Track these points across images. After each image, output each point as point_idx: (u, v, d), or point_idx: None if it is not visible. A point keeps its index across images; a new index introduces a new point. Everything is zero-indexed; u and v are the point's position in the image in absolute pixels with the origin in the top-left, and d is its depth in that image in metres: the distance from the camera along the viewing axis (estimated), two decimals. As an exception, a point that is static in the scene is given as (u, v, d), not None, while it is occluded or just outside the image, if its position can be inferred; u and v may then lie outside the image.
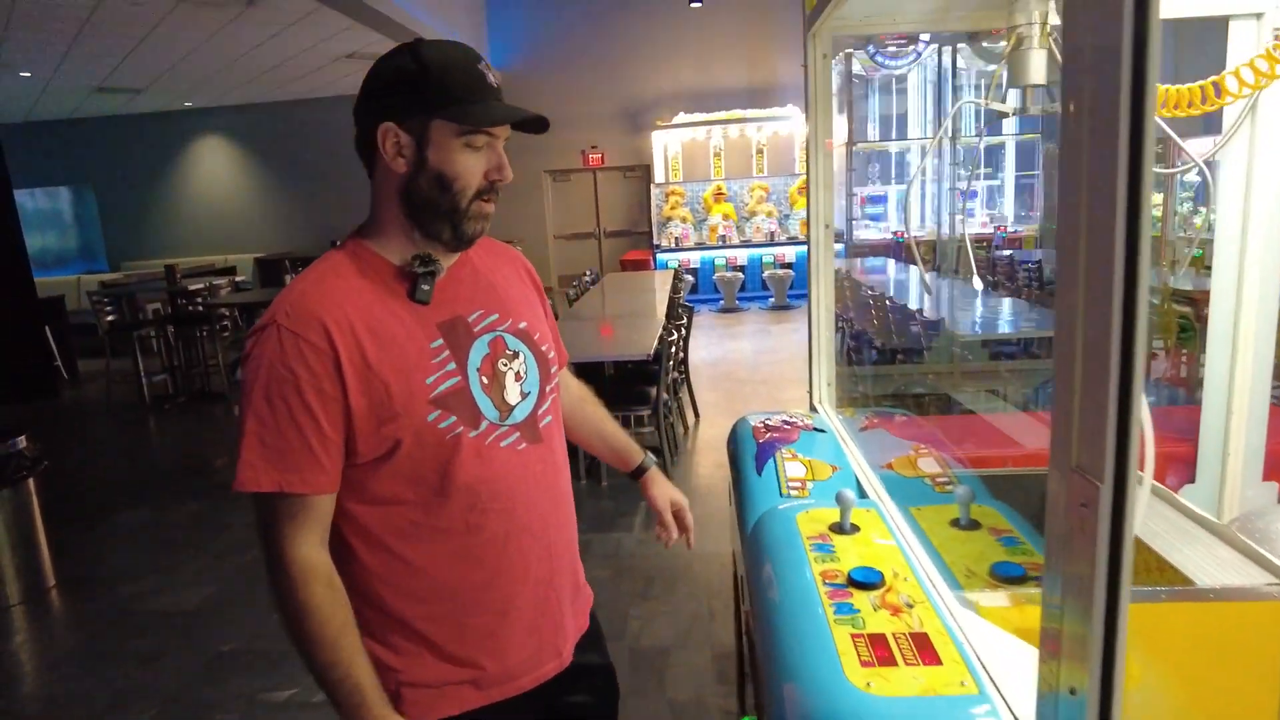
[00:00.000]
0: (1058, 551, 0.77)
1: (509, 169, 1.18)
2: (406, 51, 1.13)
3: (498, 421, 1.20)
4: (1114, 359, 0.66)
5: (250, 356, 1.10)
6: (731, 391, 6.91)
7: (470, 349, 1.19)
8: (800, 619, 1.18)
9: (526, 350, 1.26)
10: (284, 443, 1.07)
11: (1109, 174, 0.65)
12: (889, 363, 5.53)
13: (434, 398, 1.14)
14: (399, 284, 1.16)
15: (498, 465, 1.19)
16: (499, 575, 1.21)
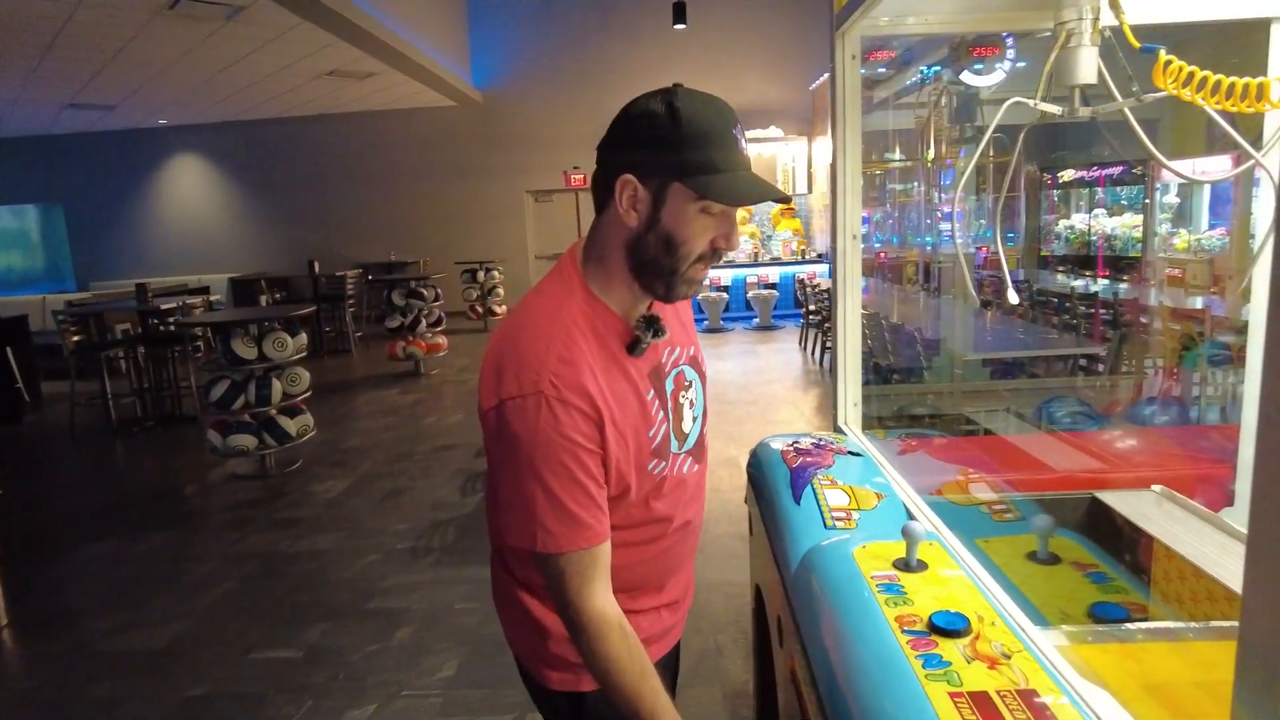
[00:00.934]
0: (1270, 601, 0.62)
1: (737, 238, 1.20)
2: (663, 102, 1.12)
3: (678, 452, 1.30)
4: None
5: (515, 426, 1.12)
6: (722, 413, 6.76)
7: (666, 391, 1.27)
8: (882, 674, 1.02)
9: (696, 377, 1.37)
10: (575, 504, 1.13)
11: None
12: (886, 382, 5.42)
13: (654, 449, 1.24)
14: (622, 339, 1.22)
15: (679, 491, 1.31)
16: (669, 573, 1.37)
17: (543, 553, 1.15)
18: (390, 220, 14.39)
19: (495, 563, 1.41)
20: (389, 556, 4.31)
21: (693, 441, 1.34)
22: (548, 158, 13.29)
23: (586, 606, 1.16)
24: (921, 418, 4.34)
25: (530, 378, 1.12)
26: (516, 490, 1.14)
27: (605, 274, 1.21)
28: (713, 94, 1.17)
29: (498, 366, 1.16)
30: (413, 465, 5.95)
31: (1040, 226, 12.87)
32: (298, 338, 5.93)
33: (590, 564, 1.16)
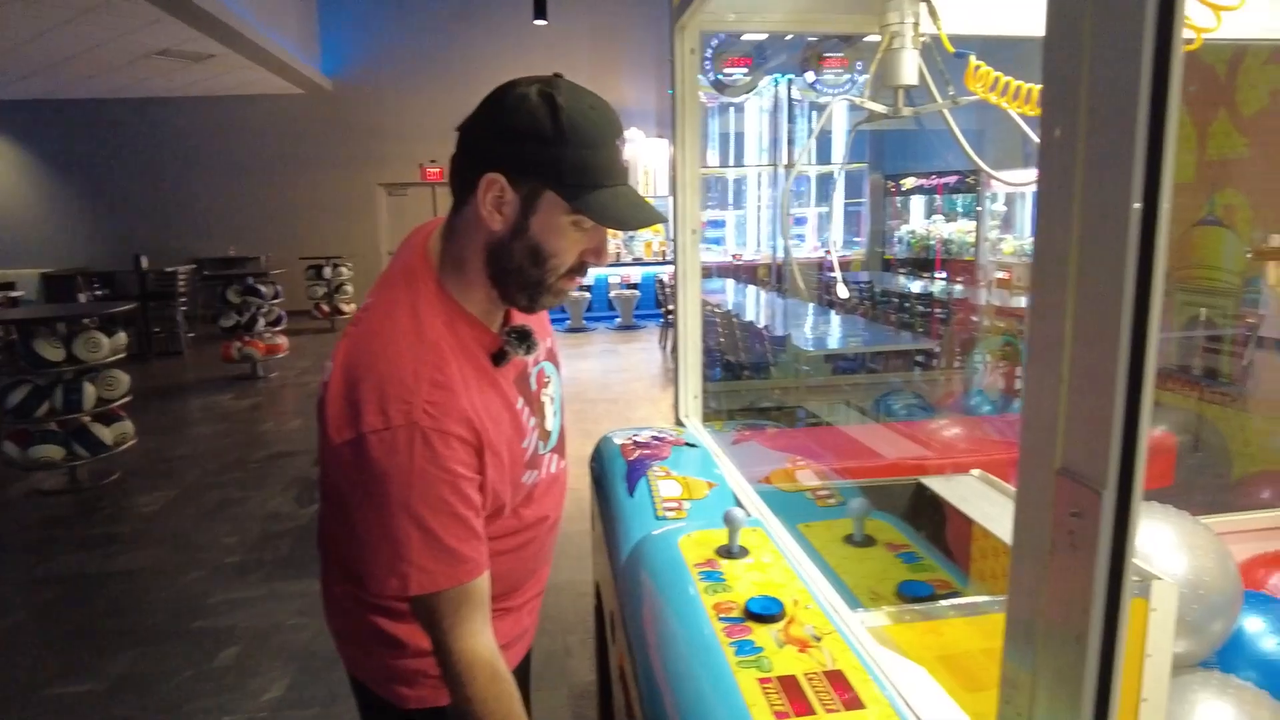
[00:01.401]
0: (1031, 571, 0.64)
1: (607, 253, 1.12)
2: (543, 95, 1.01)
3: (545, 452, 1.24)
4: (1124, 333, 0.54)
5: (382, 463, 1.00)
6: (581, 412, 6.73)
7: (531, 393, 1.20)
8: (697, 663, 1.00)
9: (555, 371, 1.30)
10: (454, 539, 1.04)
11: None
12: (736, 378, 5.56)
13: (527, 460, 1.17)
14: (488, 349, 1.13)
15: (547, 492, 1.26)
16: (530, 572, 1.30)
17: (417, 594, 1.04)
18: (231, 213, 13.46)
19: (335, 584, 1.27)
20: (215, 572, 3.99)
21: (556, 438, 1.29)
22: (402, 150, 12.83)
23: (460, 647, 1.05)
24: (768, 410, 4.47)
25: (399, 408, 1.00)
26: (383, 531, 1.02)
27: (464, 278, 1.10)
28: (596, 94, 1.07)
29: (352, 394, 1.02)
30: (246, 474, 5.56)
31: (885, 231, 13.65)
32: (115, 338, 5.41)
33: (465, 600, 1.06)
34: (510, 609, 1.29)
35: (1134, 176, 0.52)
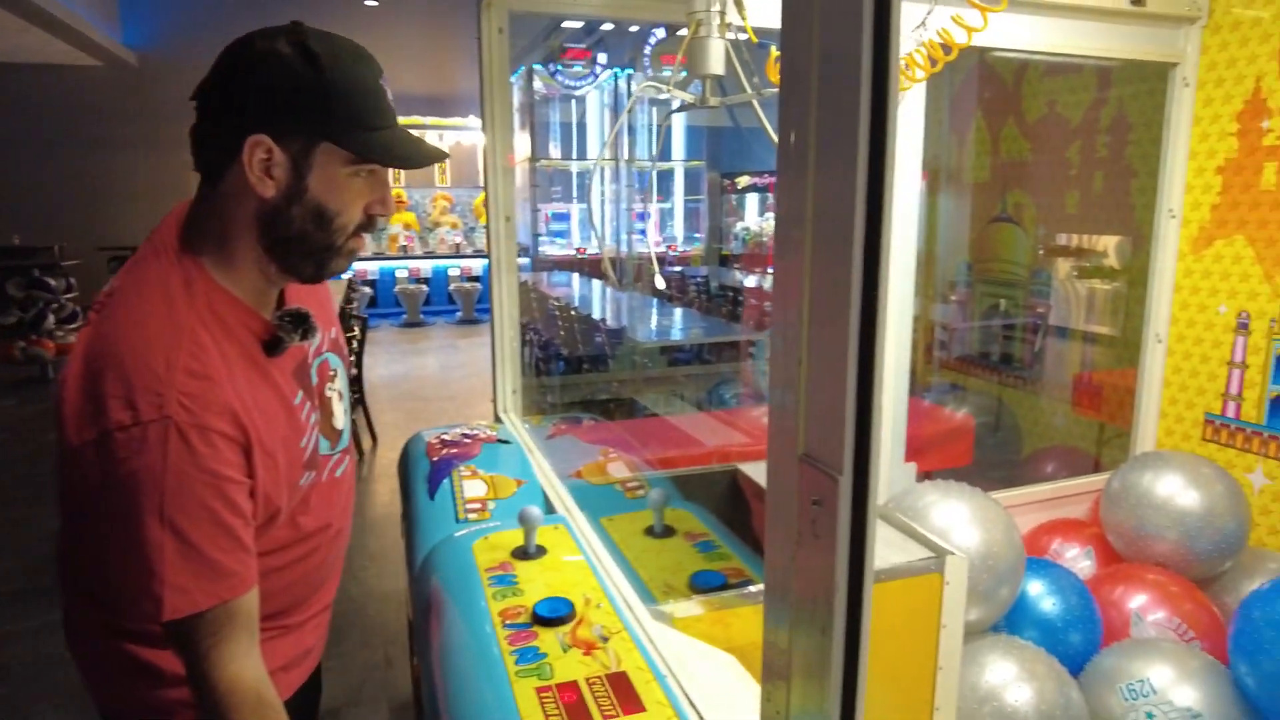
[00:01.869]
0: (782, 561, 0.61)
1: (392, 202, 1.04)
2: (292, 44, 0.92)
3: (330, 453, 1.13)
4: (853, 323, 0.52)
5: (129, 464, 0.86)
6: (415, 411, 6.47)
7: (312, 387, 1.09)
8: (475, 677, 0.94)
9: (339, 362, 1.19)
10: (218, 551, 0.91)
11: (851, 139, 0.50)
12: (576, 371, 5.52)
13: (305, 460, 1.06)
14: (258, 337, 1.01)
15: (330, 498, 1.13)
16: (314, 589, 1.17)
17: (172, 618, 0.90)
18: (15, 197, 11.97)
19: (78, 610, 1.11)
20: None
21: (346, 439, 1.18)
22: (220, 133, 11.86)
23: (219, 674, 0.93)
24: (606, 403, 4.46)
25: (149, 400, 0.87)
26: (133, 545, 0.89)
27: (229, 257, 0.99)
28: (345, 36, 0.99)
29: (95, 388, 0.89)
30: (28, 490, 4.94)
31: (721, 227, 14.05)
32: None
33: (228, 620, 0.94)
34: (290, 627, 1.17)
35: (858, 181, 0.50)
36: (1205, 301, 2.68)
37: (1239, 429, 2.60)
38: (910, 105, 2.25)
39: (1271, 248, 2.47)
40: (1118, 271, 3.11)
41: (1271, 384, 2.49)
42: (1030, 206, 3.54)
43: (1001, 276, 3.73)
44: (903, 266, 2.37)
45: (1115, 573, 2.33)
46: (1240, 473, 2.56)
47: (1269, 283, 2.48)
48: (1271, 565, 2.33)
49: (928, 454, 2.70)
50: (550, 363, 6.14)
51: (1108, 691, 1.92)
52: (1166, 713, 1.84)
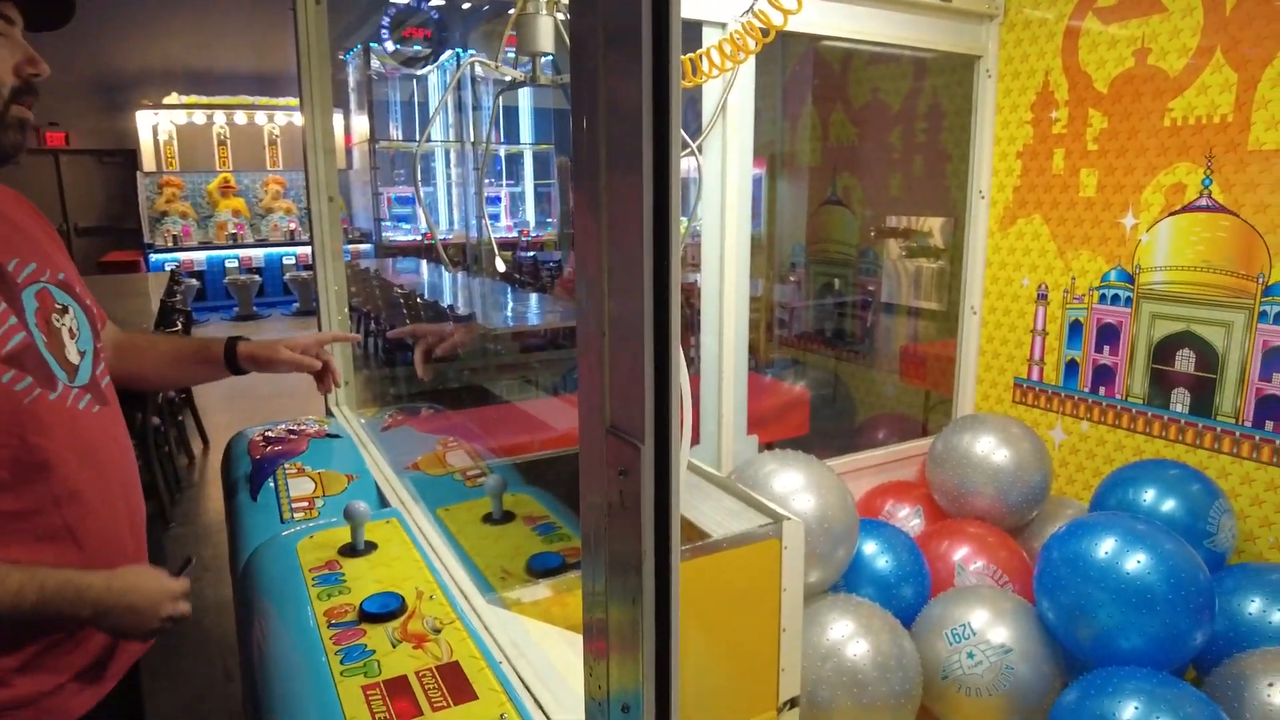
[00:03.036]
0: (594, 535, 0.61)
1: (43, 61, 1.02)
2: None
3: (69, 383, 1.08)
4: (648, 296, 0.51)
5: None
6: (250, 410, 6.08)
7: (20, 301, 1.04)
8: (296, 680, 0.88)
9: (74, 304, 1.16)
10: None
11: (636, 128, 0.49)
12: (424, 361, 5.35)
13: (4, 355, 0.99)
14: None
15: (83, 429, 1.08)
16: (98, 556, 1.05)
17: None
18: None
19: None
20: None
21: (86, 377, 1.12)
22: (9, 111, 10.61)
23: None
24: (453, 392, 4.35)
25: None
26: None
27: None
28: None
29: None
30: None
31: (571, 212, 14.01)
32: None
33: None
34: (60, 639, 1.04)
35: (644, 161, 0.50)
36: (1011, 275, 2.93)
37: (1042, 390, 2.86)
38: (741, 91, 2.31)
39: (1062, 226, 2.73)
40: (942, 250, 3.35)
41: (1066, 349, 2.76)
42: (858, 189, 3.74)
43: (834, 257, 3.93)
44: (739, 248, 2.44)
45: (941, 529, 2.52)
46: (1044, 430, 2.83)
47: (1061, 258, 2.74)
48: (1070, 511, 2.59)
49: (768, 426, 2.80)
50: (396, 353, 5.93)
51: (936, 638, 2.08)
52: (984, 651, 2.00)
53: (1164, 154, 2.43)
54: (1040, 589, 2.01)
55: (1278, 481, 2.26)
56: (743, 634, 1.58)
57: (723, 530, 1.53)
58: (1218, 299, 2.34)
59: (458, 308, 5.23)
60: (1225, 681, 1.83)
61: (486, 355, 4.70)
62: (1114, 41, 2.52)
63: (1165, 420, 2.49)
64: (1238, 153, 2.27)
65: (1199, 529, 2.19)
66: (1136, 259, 2.52)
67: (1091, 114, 2.60)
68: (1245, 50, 2.23)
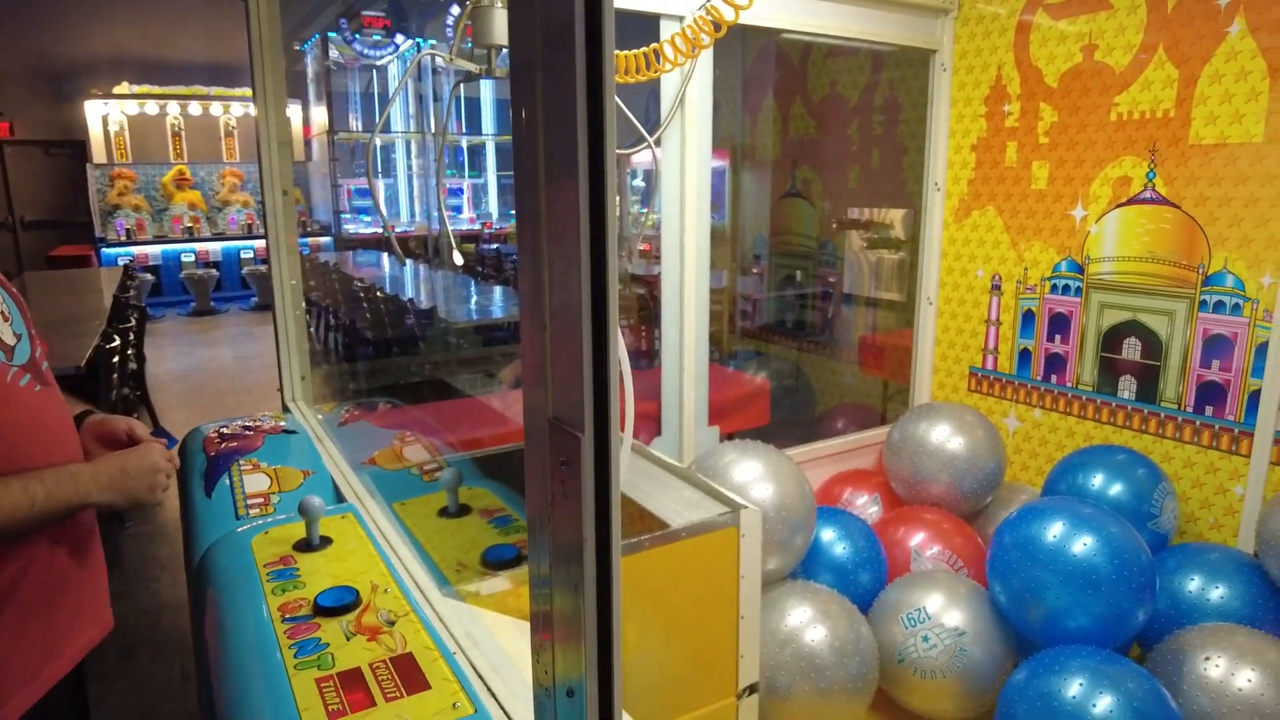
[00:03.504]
0: (539, 525, 0.62)
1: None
2: None
3: (7, 362, 1.08)
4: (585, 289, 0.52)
5: None
6: (209, 406, 5.98)
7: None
8: (250, 674, 0.88)
9: (7, 297, 1.16)
10: None
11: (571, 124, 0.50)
12: (385, 355, 5.30)
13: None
14: None
15: (26, 406, 1.08)
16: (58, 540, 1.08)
17: None
18: None
19: None
20: None
21: (25, 357, 1.13)
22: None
23: None
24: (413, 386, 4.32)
25: None
26: None
27: None
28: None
29: None
30: None
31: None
32: None
33: None
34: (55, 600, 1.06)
35: (580, 156, 0.51)
36: (966, 266, 2.98)
37: (996, 379, 2.92)
38: (699, 84, 2.32)
39: (1015, 217, 2.79)
40: (903, 242, 3.40)
41: (1020, 338, 2.82)
42: (817, 182, 3.78)
43: (796, 249, 3.97)
44: (698, 240, 2.45)
45: (898, 515, 2.57)
46: (998, 418, 2.89)
47: (1014, 249, 2.80)
48: (1023, 496, 2.66)
49: (729, 417, 2.83)
50: (356, 347, 5.86)
51: (892, 622, 2.12)
52: (939, 634, 2.05)
53: (1111, 147, 2.49)
54: (992, 573, 2.06)
55: (1217, 464, 2.34)
56: (702, 621, 1.61)
57: (682, 520, 1.55)
58: (1161, 289, 2.41)
59: (421, 301, 5.19)
60: (1166, 657, 1.89)
61: (447, 349, 4.68)
62: (1063, 37, 2.57)
63: (1113, 407, 2.56)
64: (1179, 147, 2.33)
65: (1144, 511, 2.26)
66: (1086, 250, 2.58)
67: (1043, 108, 2.66)
68: (1185, 48, 2.30)
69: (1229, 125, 2.23)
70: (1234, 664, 1.79)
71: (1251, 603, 2.01)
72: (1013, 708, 1.80)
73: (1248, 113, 2.19)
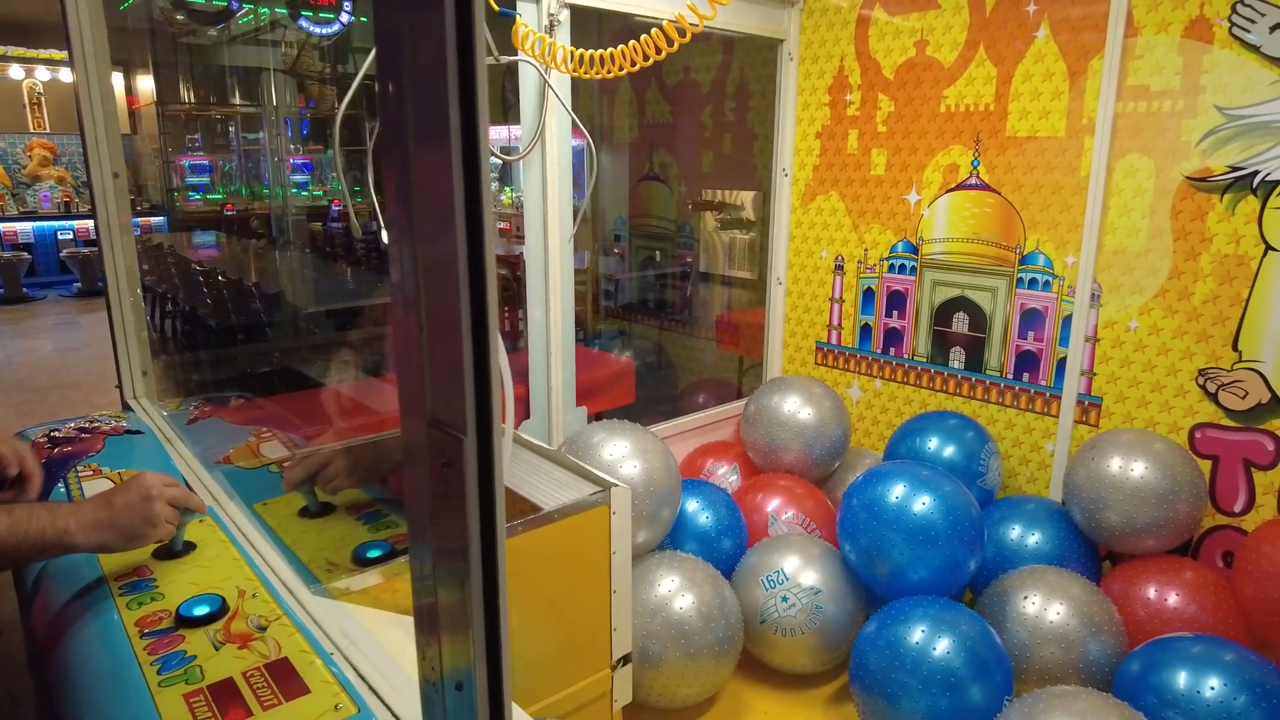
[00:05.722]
0: (421, 523, 0.63)
1: None
2: None
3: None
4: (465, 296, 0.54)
5: None
6: (28, 404, 5.43)
7: None
8: (107, 697, 0.84)
9: None
10: None
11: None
12: (230, 344, 5.00)
13: None
14: None
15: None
16: None
17: None
18: None
19: None
20: None
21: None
22: None
23: None
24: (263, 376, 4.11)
25: None
26: None
27: None
28: None
29: None
30: None
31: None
32: None
33: None
34: None
35: (453, 147, 0.52)
36: (812, 248, 3.15)
37: (840, 353, 3.12)
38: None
39: (856, 202, 2.97)
40: (754, 223, 3.54)
41: (861, 314, 3.02)
42: (674, 165, 3.87)
43: (655, 230, 4.05)
44: (561, 221, 2.47)
45: (755, 483, 2.70)
46: (843, 389, 3.09)
47: (855, 231, 2.99)
48: (867, 461, 2.86)
49: (596, 397, 2.88)
50: (197, 336, 5.49)
51: (754, 585, 2.25)
52: (796, 594, 2.19)
53: (941, 137, 2.70)
54: (842, 533, 2.22)
55: (1033, 425, 2.61)
56: (576, 599, 1.65)
57: (554, 502, 1.58)
58: (985, 267, 2.65)
59: (266, 286, 4.91)
60: (992, 599, 2.12)
61: (300, 335, 4.47)
62: (898, 32, 2.75)
63: (945, 376, 2.80)
64: (998, 138, 2.56)
65: (973, 470, 2.50)
66: (920, 232, 2.80)
67: (881, 98, 2.84)
68: (1001, 48, 2.52)
69: (1038, 120, 2.47)
70: (1046, 600, 2.03)
71: (1061, 545, 2.28)
72: (864, 657, 1.96)
73: (1053, 109, 2.44)
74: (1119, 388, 2.40)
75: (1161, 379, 2.31)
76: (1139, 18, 2.23)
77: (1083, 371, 2.46)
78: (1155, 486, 2.11)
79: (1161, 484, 2.10)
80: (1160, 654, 1.85)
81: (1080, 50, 2.35)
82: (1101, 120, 2.31)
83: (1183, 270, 2.23)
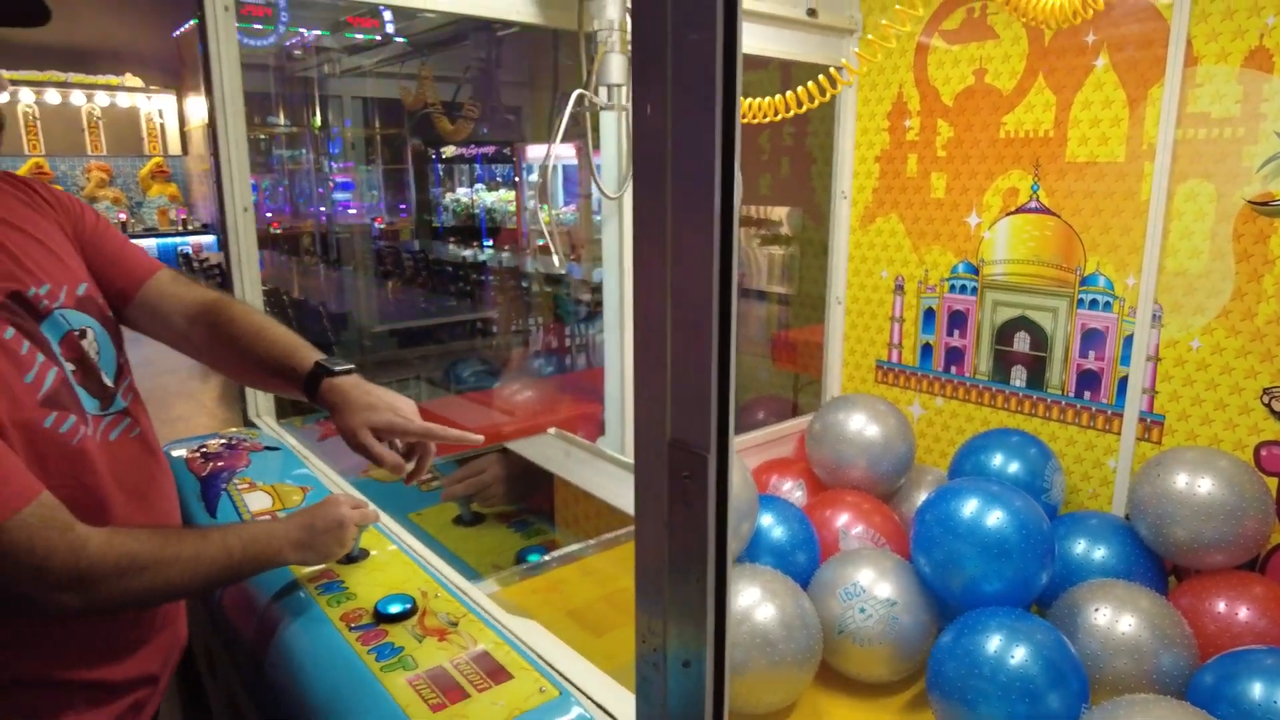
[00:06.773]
0: (653, 528, 0.75)
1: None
2: None
3: (102, 412, 1.05)
4: (714, 327, 0.65)
5: None
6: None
7: (43, 335, 0.99)
8: (340, 679, 0.96)
9: (95, 323, 1.09)
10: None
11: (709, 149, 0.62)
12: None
13: (43, 396, 0.95)
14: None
15: (124, 460, 1.06)
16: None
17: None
18: None
19: None
20: None
21: (119, 401, 1.10)
22: None
23: (86, 553, 0.88)
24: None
25: None
26: None
27: None
28: None
29: None
30: None
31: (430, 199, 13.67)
32: None
33: (55, 506, 0.88)
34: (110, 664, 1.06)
35: (715, 185, 0.63)
36: (871, 268, 3.25)
37: (900, 371, 3.21)
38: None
39: (915, 224, 3.07)
40: (790, 239, 3.64)
41: (921, 334, 3.11)
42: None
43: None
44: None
45: (823, 499, 2.79)
46: (904, 406, 3.17)
47: (915, 252, 3.08)
48: (930, 477, 2.95)
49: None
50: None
51: (830, 597, 2.33)
52: (873, 605, 2.28)
53: (1000, 162, 2.79)
54: (917, 547, 2.31)
55: (1094, 443, 2.68)
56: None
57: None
58: (1046, 288, 2.73)
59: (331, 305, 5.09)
60: (1063, 611, 2.19)
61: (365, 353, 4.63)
62: (957, 60, 2.85)
63: (1007, 394, 2.88)
64: (1058, 163, 2.65)
65: (1037, 486, 2.57)
66: (980, 253, 2.89)
67: (940, 124, 2.94)
68: (1060, 77, 2.61)
69: (1098, 146, 2.56)
70: (1116, 612, 2.10)
71: (1126, 559, 2.35)
72: (942, 666, 2.04)
73: (1112, 136, 2.53)
74: (1182, 406, 2.47)
75: (1225, 397, 2.38)
76: (1198, 48, 2.32)
77: (1144, 390, 2.53)
78: (1223, 502, 2.17)
79: (1229, 500, 2.17)
80: (1234, 666, 1.92)
81: (1139, 79, 2.44)
82: (1162, 146, 2.39)
83: (1246, 291, 2.31)
